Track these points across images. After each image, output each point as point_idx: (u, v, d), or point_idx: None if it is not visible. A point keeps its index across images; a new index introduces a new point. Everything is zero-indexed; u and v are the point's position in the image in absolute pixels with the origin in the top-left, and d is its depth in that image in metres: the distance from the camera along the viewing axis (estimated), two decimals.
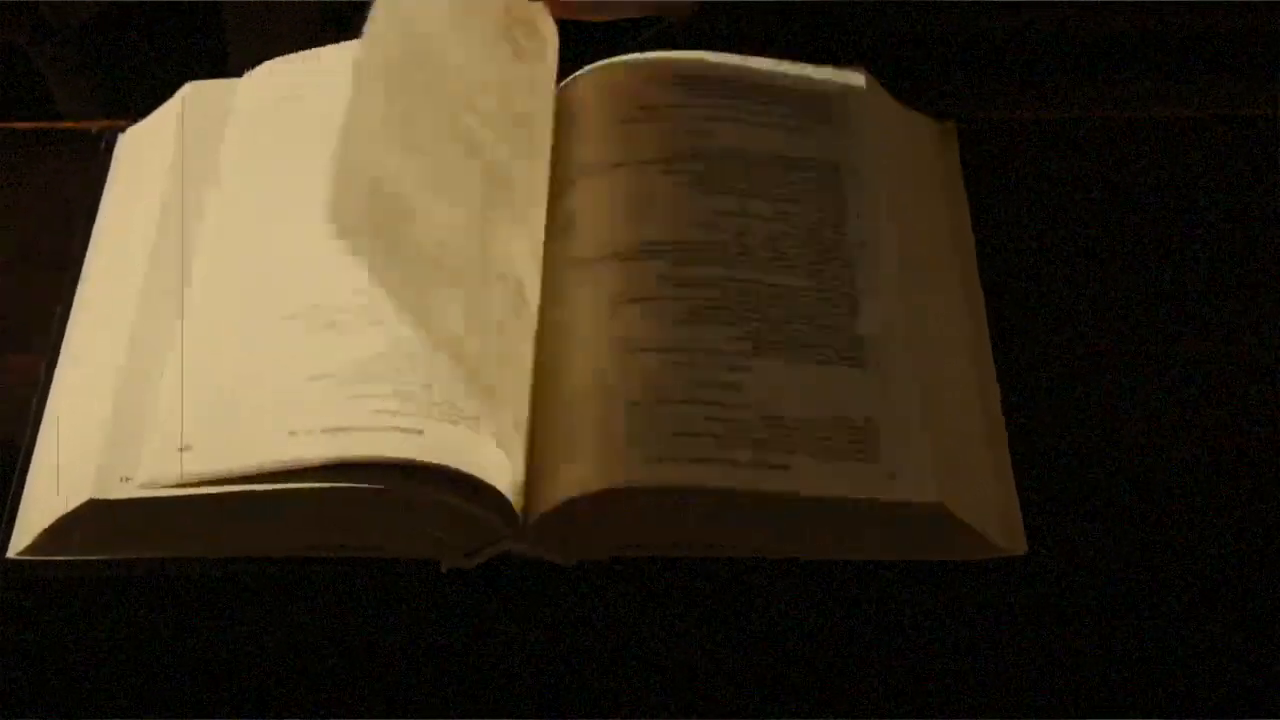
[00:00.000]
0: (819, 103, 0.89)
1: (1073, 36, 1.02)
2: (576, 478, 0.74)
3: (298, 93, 0.89)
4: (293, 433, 0.73)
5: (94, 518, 0.74)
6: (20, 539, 0.75)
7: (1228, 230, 0.90)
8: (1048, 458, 0.79)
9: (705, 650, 0.75)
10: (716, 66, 0.90)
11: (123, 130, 0.92)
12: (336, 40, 0.92)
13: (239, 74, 0.93)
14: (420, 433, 0.73)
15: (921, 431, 0.76)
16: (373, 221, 0.72)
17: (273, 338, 0.78)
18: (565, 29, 0.90)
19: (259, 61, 0.93)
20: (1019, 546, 0.76)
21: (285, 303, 0.79)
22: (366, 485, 0.72)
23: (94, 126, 0.94)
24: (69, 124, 0.96)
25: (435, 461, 0.72)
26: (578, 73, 0.91)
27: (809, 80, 0.90)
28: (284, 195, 0.84)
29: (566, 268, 0.82)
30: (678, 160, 0.85)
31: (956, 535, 0.74)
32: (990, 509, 0.76)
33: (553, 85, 0.89)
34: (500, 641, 0.75)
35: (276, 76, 0.91)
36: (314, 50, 0.92)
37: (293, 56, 0.92)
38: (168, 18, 1.17)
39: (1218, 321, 0.85)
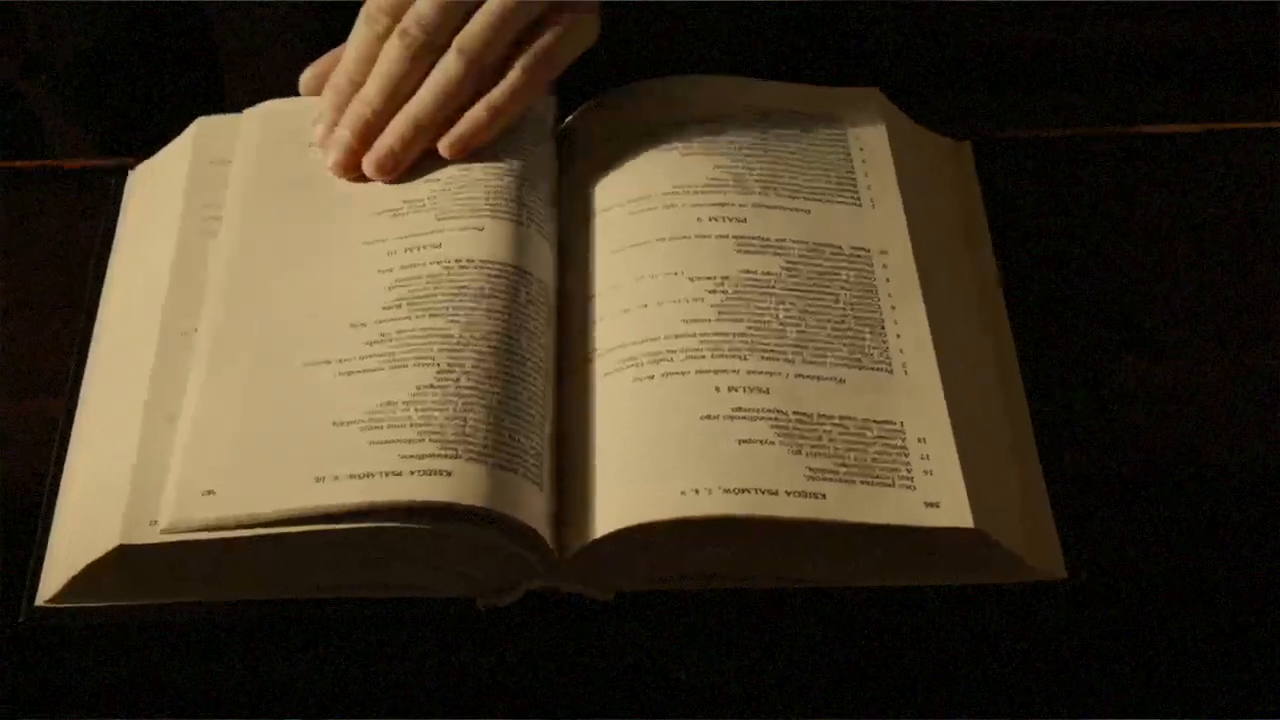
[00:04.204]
0: (835, 127, 0.89)
1: (1089, 53, 1.02)
2: (613, 511, 0.73)
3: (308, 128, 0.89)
4: (319, 479, 0.72)
5: (123, 563, 0.73)
6: (48, 587, 0.74)
7: (1257, 244, 0.90)
8: (1080, 477, 0.79)
9: (744, 680, 0.75)
10: (731, 95, 0.89)
11: (131, 168, 0.91)
12: None
13: (235, 108, 0.91)
14: (449, 474, 0.72)
15: (956, 454, 0.75)
16: None
17: (293, 385, 0.77)
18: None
19: (254, 95, 0.92)
20: (1058, 569, 0.75)
21: (304, 350, 0.78)
22: (397, 525, 0.72)
23: (101, 164, 0.92)
24: (75, 162, 0.95)
25: (467, 502, 0.72)
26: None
27: (824, 104, 0.90)
28: (301, 237, 0.83)
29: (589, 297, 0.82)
30: (701, 193, 0.85)
31: (995, 559, 0.74)
32: (1025, 531, 0.76)
33: None
34: (539, 677, 0.74)
35: (287, 110, 0.90)
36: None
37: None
38: (160, 52, 1.15)
39: (1250, 333, 0.85)
